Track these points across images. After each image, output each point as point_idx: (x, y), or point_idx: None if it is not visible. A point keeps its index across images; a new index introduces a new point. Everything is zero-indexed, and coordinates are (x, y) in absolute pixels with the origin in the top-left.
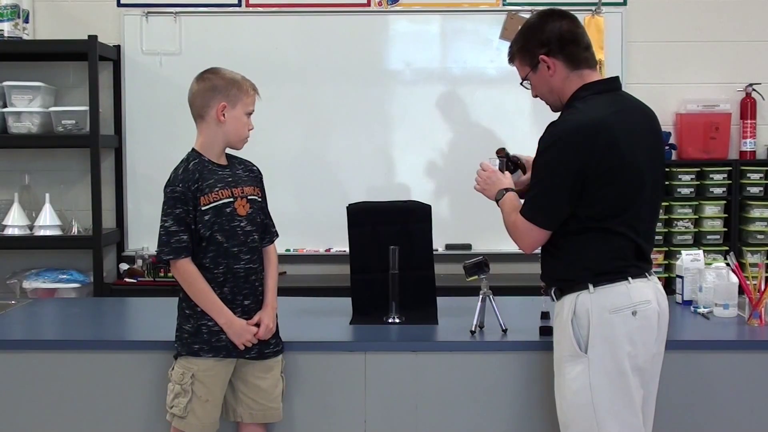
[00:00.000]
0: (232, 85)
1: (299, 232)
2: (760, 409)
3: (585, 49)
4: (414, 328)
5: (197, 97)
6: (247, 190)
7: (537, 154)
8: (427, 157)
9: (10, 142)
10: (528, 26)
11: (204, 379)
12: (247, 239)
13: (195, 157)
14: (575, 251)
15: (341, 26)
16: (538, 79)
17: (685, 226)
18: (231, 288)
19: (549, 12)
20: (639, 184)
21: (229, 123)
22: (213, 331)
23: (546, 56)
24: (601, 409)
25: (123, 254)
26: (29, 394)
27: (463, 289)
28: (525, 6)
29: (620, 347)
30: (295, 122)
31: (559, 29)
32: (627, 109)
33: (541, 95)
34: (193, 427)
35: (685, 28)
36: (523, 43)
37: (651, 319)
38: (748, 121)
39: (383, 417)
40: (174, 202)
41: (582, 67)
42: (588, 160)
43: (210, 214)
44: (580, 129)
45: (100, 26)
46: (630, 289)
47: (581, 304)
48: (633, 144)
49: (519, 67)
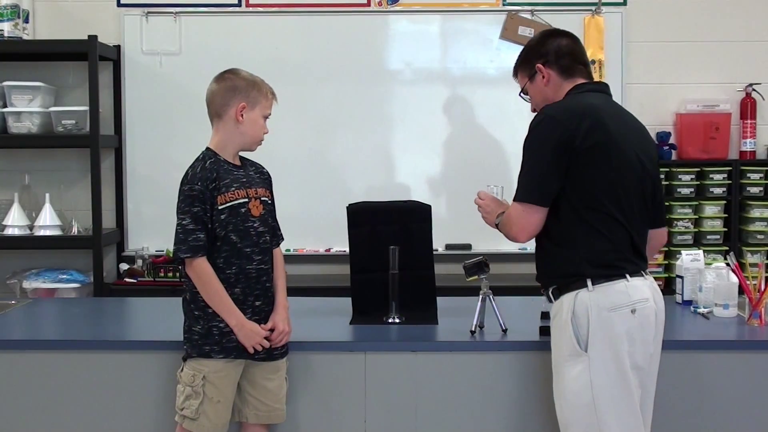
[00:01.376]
0: (253, 87)
1: (299, 232)
2: (760, 409)
3: (581, 63)
4: (414, 328)
5: (217, 96)
6: (260, 192)
7: (525, 138)
8: (427, 157)
9: (10, 142)
10: (532, 42)
11: (215, 380)
12: (259, 240)
13: (211, 156)
14: (571, 244)
15: (341, 26)
16: (534, 89)
17: (685, 226)
18: (243, 289)
19: (553, 31)
20: (626, 170)
21: (247, 124)
22: (224, 332)
23: (542, 65)
24: (602, 408)
25: (123, 254)
26: (29, 394)
27: (463, 289)
28: (525, 6)
29: (620, 345)
30: (294, 122)
31: (558, 44)
32: (617, 106)
33: (537, 107)
34: (205, 429)
35: (685, 28)
36: (524, 56)
37: (649, 317)
38: (748, 121)
39: (383, 417)
40: (192, 201)
41: (576, 76)
42: (573, 134)
43: (226, 214)
44: (567, 109)
45: (100, 26)
46: (628, 287)
47: (580, 303)
48: (621, 132)
49: (520, 79)
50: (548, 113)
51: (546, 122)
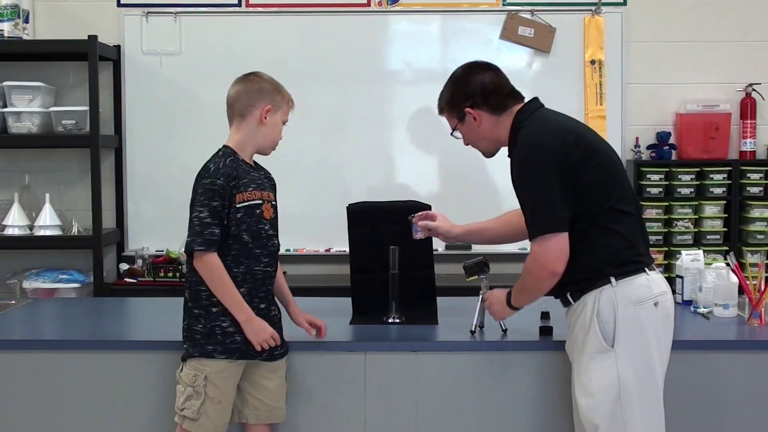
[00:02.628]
0: (278, 92)
1: (299, 232)
2: (760, 409)
3: (508, 94)
4: (414, 328)
5: (242, 95)
6: (270, 195)
7: (515, 172)
8: (427, 157)
9: (10, 142)
10: (453, 80)
11: (217, 380)
12: (268, 243)
13: (230, 153)
14: (589, 249)
15: (341, 26)
16: (467, 129)
17: (685, 226)
18: (248, 289)
19: (472, 65)
20: (613, 161)
21: (269, 126)
22: (227, 332)
23: (471, 108)
24: (628, 403)
25: (123, 254)
26: (29, 394)
27: (463, 289)
28: (525, 6)
29: (647, 339)
30: (294, 122)
31: (482, 82)
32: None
33: (473, 144)
34: (206, 429)
35: (685, 28)
36: (449, 98)
37: (670, 310)
38: (748, 121)
39: (383, 417)
40: (212, 195)
41: (510, 107)
42: (566, 153)
43: (242, 213)
44: (545, 130)
45: (100, 26)
46: (650, 281)
47: (606, 299)
48: (587, 130)
49: (448, 119)
50: (532, 143)
51: (536, 153)
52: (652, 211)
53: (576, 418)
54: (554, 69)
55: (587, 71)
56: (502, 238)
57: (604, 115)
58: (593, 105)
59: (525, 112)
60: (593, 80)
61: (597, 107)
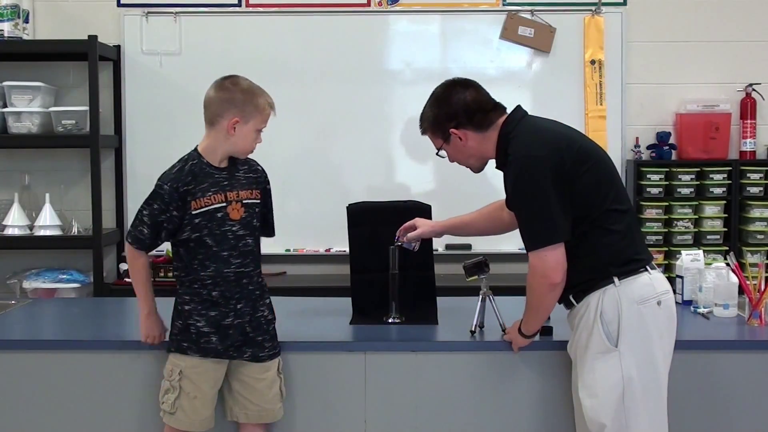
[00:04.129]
0: (250, 102)
1: (299, 232)
2: (760, 408)
3: (492, 109)
4: (414, 328)
5: (213, 104)
6: (243, 194)
7: (510, 185)
8: (427, 157)
9: (10, 142)
10: (434, 100)
11: (191, 376)
12: (238, 243)
13: (195, 158)
14: (590, 251)
15: (341, 26)
16: (452, 149)
17: (685, 226)
18: (221, 292)
19: (451, 83)
20: (604, 159)
21: (238, 137)
22: (201, 332)
23: (455, 129)
24: (632, 401)
25: (123, 254)
26: (29, 394)
27: (463, 289)
28: (525, 6)
29: (650, 338)
30: (294, 122)
31: (464, 101)
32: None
33: (459, 162)
34: (182, 423)
35: (685, 28)
36: (432, 119)
37: (672, 309)
38: (748, 121)
39: (383, 417)
40: (155, 197)
41: (495, 120)
42: (559, 160)
43: (200, 218)
44: (537, 139)
45: (100, 26)
46: (653, 280)
47: (609, 299)
48: (575, 132)
49: (432, 140)
50: (525, 154)
51: (530, 164)
52: (652, 211)
53: (577, 418)
54: (554, 69)
55: (587, 71)
56: (485, 231)
57: (604, 115)
58: (593, 105)
59: (511, 123)
60: (593, 80)
61: (597, 107)
